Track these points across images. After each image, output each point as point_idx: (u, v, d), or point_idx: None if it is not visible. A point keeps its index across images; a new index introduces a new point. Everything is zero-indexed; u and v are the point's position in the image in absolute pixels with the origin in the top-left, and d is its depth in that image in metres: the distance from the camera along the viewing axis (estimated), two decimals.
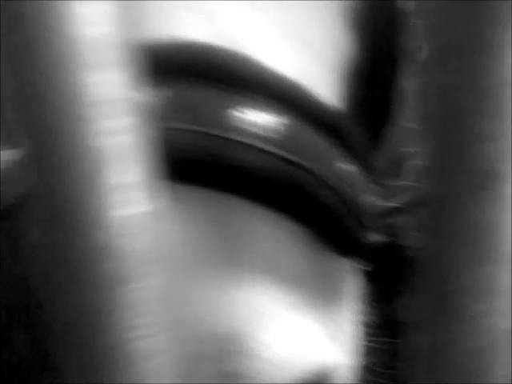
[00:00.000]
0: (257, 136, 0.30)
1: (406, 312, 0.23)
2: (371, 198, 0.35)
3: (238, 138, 0.30)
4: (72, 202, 0.19)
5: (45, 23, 0.19)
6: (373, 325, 0.39)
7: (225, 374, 0.31)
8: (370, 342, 0.38)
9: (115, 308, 0.19)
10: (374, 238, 0.38)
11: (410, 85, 0.37)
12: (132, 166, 0.19)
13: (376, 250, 0.39)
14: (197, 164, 0.30)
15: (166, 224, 0.19)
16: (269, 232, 0.32)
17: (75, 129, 0.18)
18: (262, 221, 0.32)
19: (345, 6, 0.34)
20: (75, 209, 0.19)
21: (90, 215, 0.19)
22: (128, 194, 0.19)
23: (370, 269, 0.38)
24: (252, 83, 0.31)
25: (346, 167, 0.33)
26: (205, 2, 0.32)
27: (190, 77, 0.31)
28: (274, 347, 0.31)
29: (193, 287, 0.30)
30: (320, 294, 0.34)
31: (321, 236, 0.33)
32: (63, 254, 0.19)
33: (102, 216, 0.19)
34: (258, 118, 0.31)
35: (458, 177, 0.20)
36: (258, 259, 0.32)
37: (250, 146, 0.30)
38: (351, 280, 0.36)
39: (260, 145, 0.30)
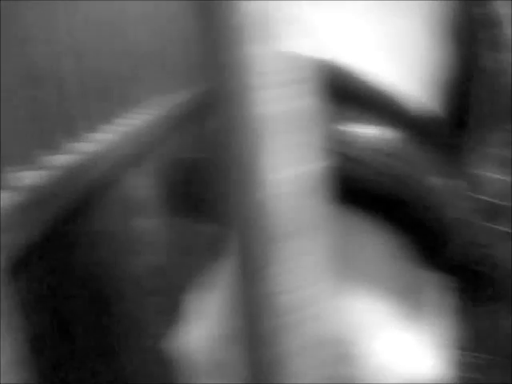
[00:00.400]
0: (365, 149, 0.32)
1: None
2: (462, 212, 0.36)
3: (348, 152, 0.31)
4: (235, 163, 0.20)
5: None
6: (467, 338, 0.39)
7: (330, 376, 0.32)
8: (465, 355, 0.38)
9: (268, 262, 0.20)
10: (464, 251, 0.39)
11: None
12: (292, 132, 0.20)
13: (466, 264, 0.40)
14: None
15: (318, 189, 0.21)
16: (377, 244, 0.33)
17: (244, 96, 0.20)
18: (372, 233, 0.33)
19: (435, 14, 0.36)
20: (238, 169, 0.20)
21: (252, 175, 0.20)
22: (286, 156, 0.21)
23: (463, 284, 0.38)
24: (360, 97, 0.32)
25: (440, 180, 0.34)
26: (307, 17, 0.34)
27: None
28: (377, 355, 0.32)
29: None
30: (419, 306, 0.34)
31: (416, 250, 0.34)
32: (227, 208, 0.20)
33: (262, 176, 0.20)
34: (366, 132, 0.32)
35: None
36: (369, 270, 0.33)
37: (358, 159, 0.31)
38: (446, 294, 0.37)
39: (367, 157, 0.32)
